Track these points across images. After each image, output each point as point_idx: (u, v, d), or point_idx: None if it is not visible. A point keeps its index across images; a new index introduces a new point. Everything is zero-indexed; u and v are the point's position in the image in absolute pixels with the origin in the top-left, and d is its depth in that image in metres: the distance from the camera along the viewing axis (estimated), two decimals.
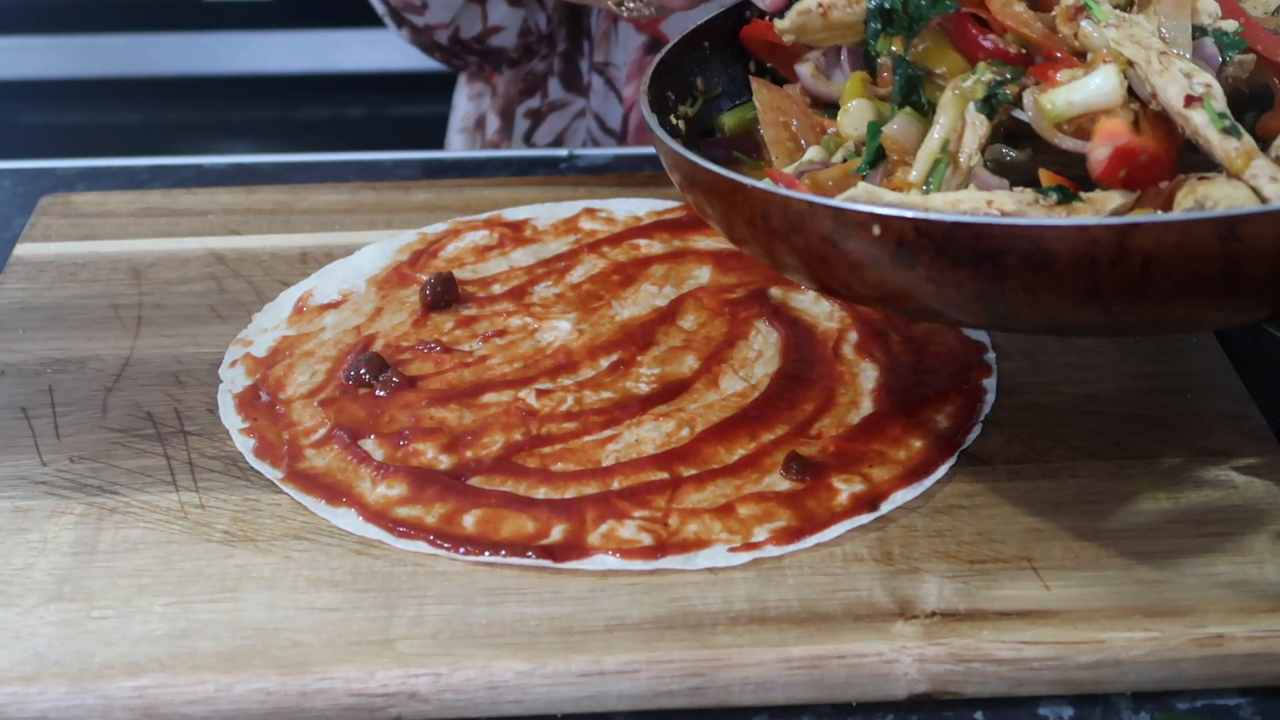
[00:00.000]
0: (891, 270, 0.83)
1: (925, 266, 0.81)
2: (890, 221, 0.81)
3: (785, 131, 1.02)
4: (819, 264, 0.86)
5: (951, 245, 0.80)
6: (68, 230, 1.28)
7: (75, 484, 1.01)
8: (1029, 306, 0.82)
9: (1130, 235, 0.77)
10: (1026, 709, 0.88)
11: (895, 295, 0.86)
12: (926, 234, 0.80)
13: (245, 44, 3.06)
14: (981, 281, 0.81)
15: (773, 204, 0.85)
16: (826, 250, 0.84)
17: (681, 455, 1.01)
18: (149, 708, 0.86)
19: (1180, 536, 0.95)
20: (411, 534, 0.95)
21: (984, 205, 0.85)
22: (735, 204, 0.88)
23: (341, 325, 1.15)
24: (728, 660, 0.87)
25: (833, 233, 0.83)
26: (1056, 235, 0.78)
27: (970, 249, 0.80)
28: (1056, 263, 0.79)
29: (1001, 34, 0.95)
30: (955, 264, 0.80)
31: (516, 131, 1.63)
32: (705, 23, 1.08)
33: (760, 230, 0.87)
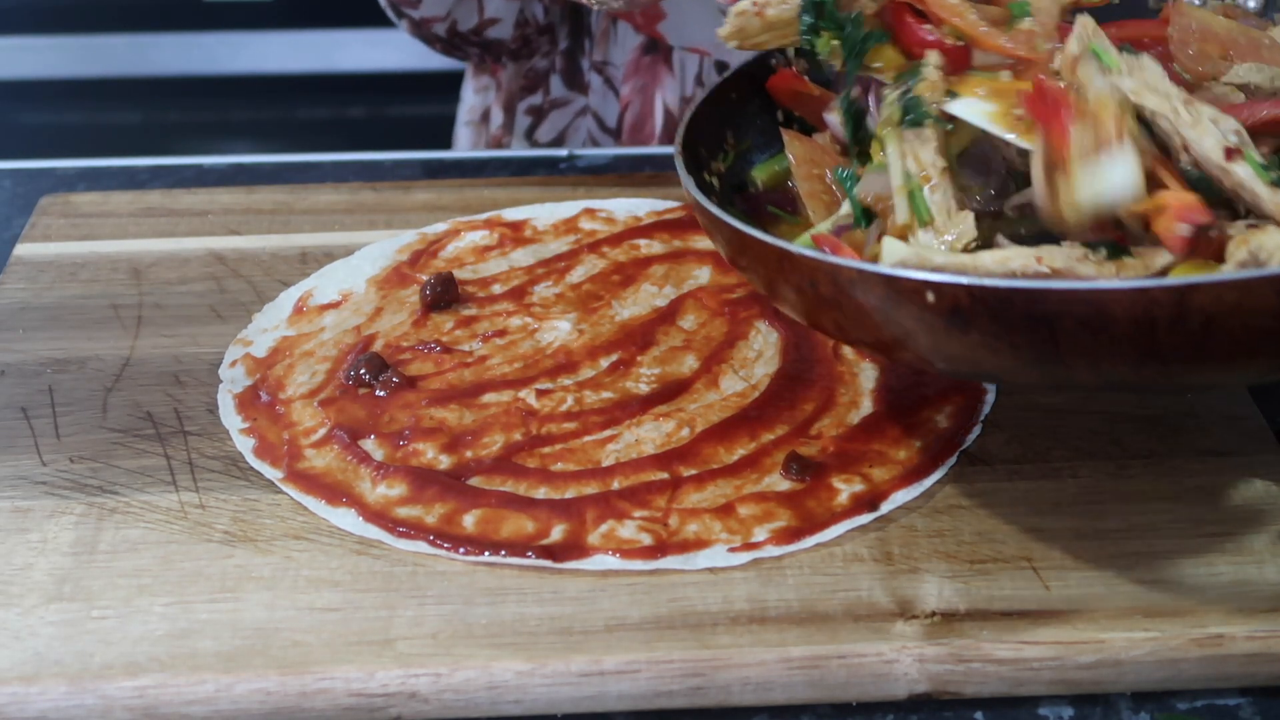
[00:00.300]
0: (945, 336, 0.82)
1: (980, 331, 0.80)
2: (944, 289, 0.79)
3: (820, 184, 1.01)
4: (868, 329, 0.86)
5: (1006, 310, 0.79)
6: (68, 230, 1.28)
7: (75, 484, 1.01)
8: (1086, 368, 0.82)
9: (1190, 296, 0.76)
10: (1026, 709, 0.88)
11: (949, 358, 0.85)
12: (981, 299, 0.79)
13: (245, 44, 3.06)
14: (1038, 345, 0.80)
15: (821, 272, 0.84)
16: (877, 317, 0.84)
17: (681, 455, 1.01)
18: (149, 708, 0.86)
19: (1180, 536, 0.95)
20: (411, 534, 0.95)
21: (1034, 263, 0.83)
22: (782, 271, 0.87)
23: (341, 325, 1.15)
24: (728, 660, 0.87)
25: (884, 300, 0.82)
26: (1114, 298, 0.77)
27: (1025, 313, 0.79)
28: (1115, 325, 0.77)
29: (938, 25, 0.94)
30: (1010, 329, 0.80)
31: (518, 127, 1.63)
32: (732, 74, 1.07)
33: (808, 296, 0.86)
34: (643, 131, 1.56)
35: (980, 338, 0.81)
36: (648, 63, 1.54)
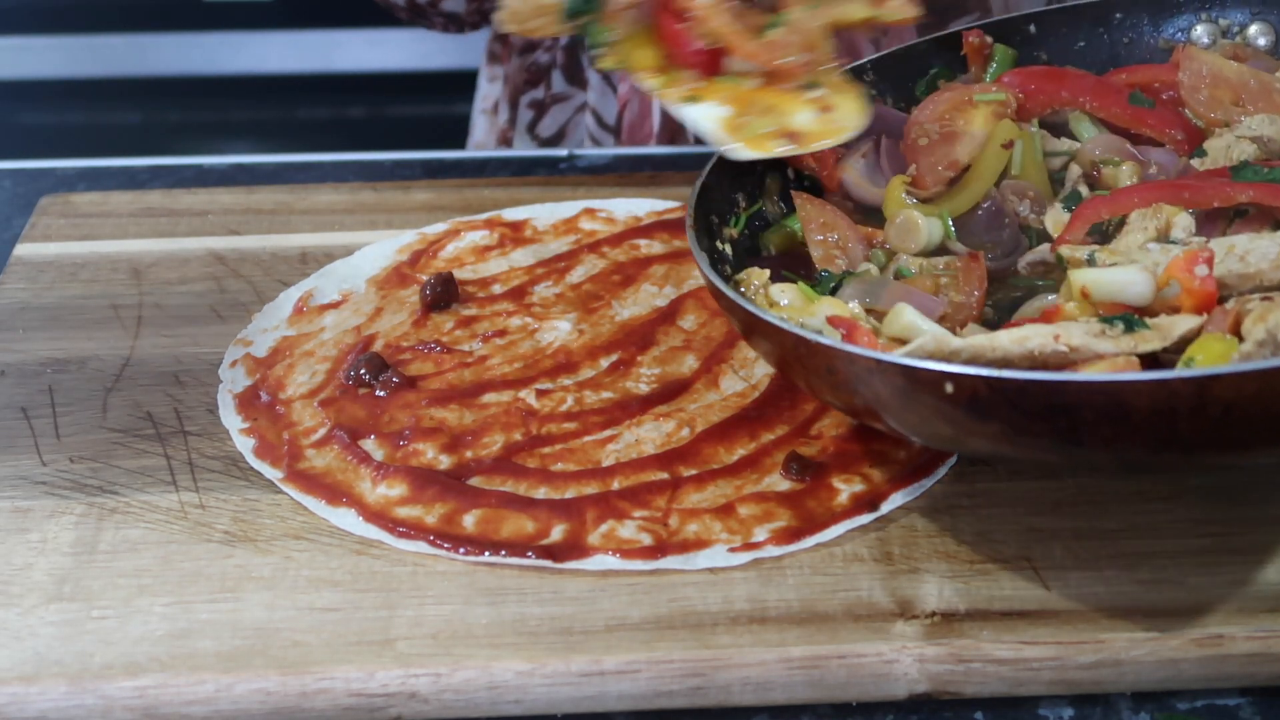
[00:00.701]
0: (965, 422, 0.82)
1: (1000, 420, 0.81)
2: (962, 380, 0.80)
3: (834, 249, 1.02)
4: (887, 413, 0.86)
5: (1025, 401, 0.79)
6: (68, 230, 1.28)
7: (75, 484, 1.01)
8: (1106, 454, 0.82)
9: (1210, 387, 0.76)
10: (1026, 709, 0.88)
11: (968, 443, 0.86)
12: (999, 390, 0.79)
13: (245, 44, 3.06)
14: (1057, 433, 0.80)
15: (839, 359, 0.85)
16: (896, 403, 0.84)
17: (681, 455, 1.01)
18: (149, 708, 0.86)
19: (1180, 536, 0.95)
20: (411, 534, 0.95)
21: (1051, 340, 0.84)
22: (799, 356, 0.88)
23: (341, 325, 1.15)
24: (728, 660, 0.87)
25: (903, 388, 0.83)
26: (1134, 390, 0.77)
27: (1045, 404, 0.79)
28: (1135, 415, 0.78)
29: (696, 25, 0.96)
30: (1030, 418, 0.80)
31: (521, 121, 1.63)
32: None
33: (823, 381, 0.87)
34: (641, 131, 1.56)
35: (1000, 426, 0.81)
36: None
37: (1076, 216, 0.98)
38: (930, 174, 1.04)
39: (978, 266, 0.98)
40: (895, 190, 1.04)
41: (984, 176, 1.04)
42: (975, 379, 0.80)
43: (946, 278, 0.98)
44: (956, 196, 1.04)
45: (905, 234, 1.01)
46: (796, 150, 1.01)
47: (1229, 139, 1.01)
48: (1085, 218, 0.98)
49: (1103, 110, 1.07)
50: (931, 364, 0.81)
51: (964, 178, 1.04)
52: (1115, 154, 1.04)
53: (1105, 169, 1.03)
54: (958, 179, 1.05)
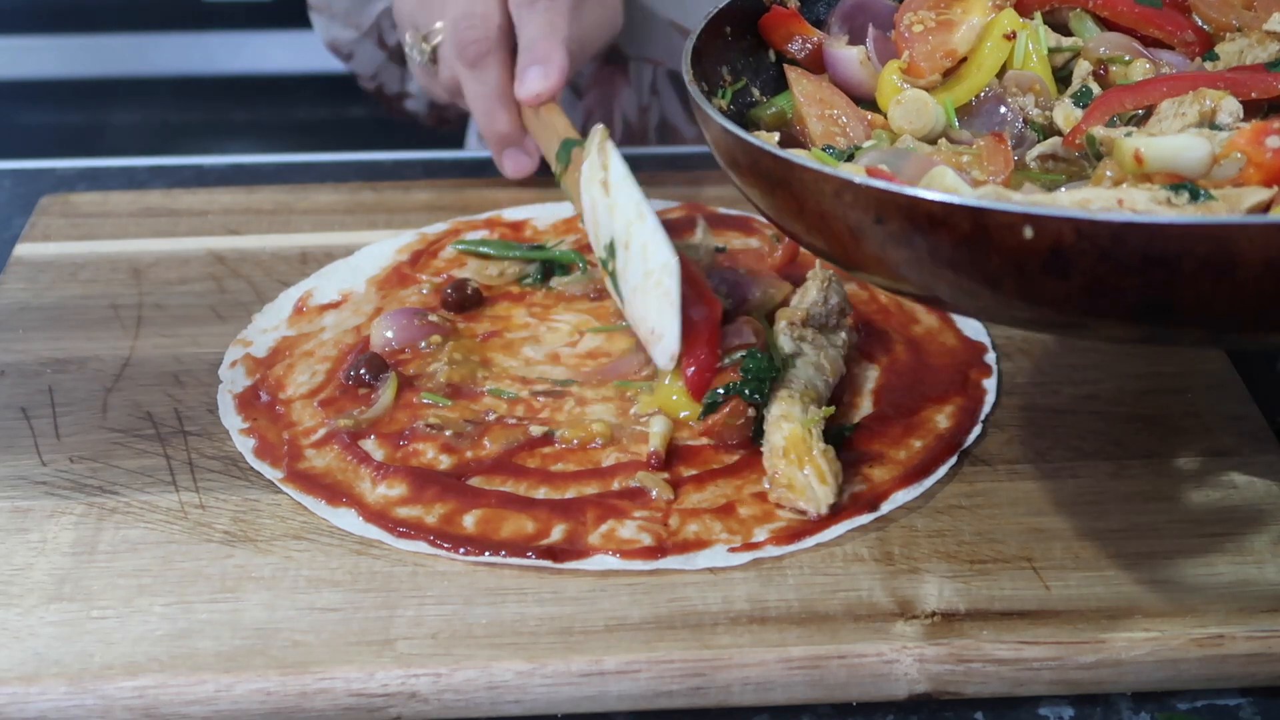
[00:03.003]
0: (1039, 279, 0.74)
1: (1082, 274, 0.72)
2: (1046, 223, 0.71)
3: (834, 126, 0.96)
4: (941, 274, 0.77)
5: (1118, 249, 0.71)
6: (68, 230, 1.28)
7: (75, 484, 1.01)
8: (1197, 319, 0.74)
9: None
10: (1026, 709, 0.88)
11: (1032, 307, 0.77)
12: (1089, 236, 0.71)
13: (245, 44, 3.06)
14: (1147, 290, 0.72)
15: (893, 205, 0.75)
16: (957, 257, 0.75)
17: (682, 455, 1.01)
18: (149, 708, 0.86)
19: (1180, 536, 0.95)
20: (411, 534, 0.95)
21: (1115, 205, 0.77)
22: (841, 204, 0.77)
23: (341, 325, 1.15)
24: (728, 660, 0.87)
25: (970, 237, 0.73)
26: (1247, 235, 0.69)
27: (1141, 253, 0.71)
28: (1243, 267, 0.70)
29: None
30: (1120, 270, 0.72)
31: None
32: (725, 8, 1.01)
33: (870, 236, 0.78)
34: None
35: (1081, 281, 0.72)
36: (608, 73, 1.54)
37: (1097, 106, 0.92)
38: (927, 61, 0.98)
39: (1003, 146, 0.91)
40: (890, 76, 0.97)
41: (985, 67, 0.98)
42: (1061, 222, 0.70)
43: (969, 156, 0.91)
44: (955, 87, 0.98)
45: (913, 114, 0.94)
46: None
47: (1241, 43, 0.97)
48: (1107, 107, 0.91)
49: (1107, 8, 1.01)
50: (1010, 205, 0.72)
51: (961, 69, 0.99)
52: (1125, 51, 0.99)
53: (1114, 67, 0.98)
54: (954, 70, 0.99)
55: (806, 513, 0.96)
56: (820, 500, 0.95)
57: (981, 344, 1.11)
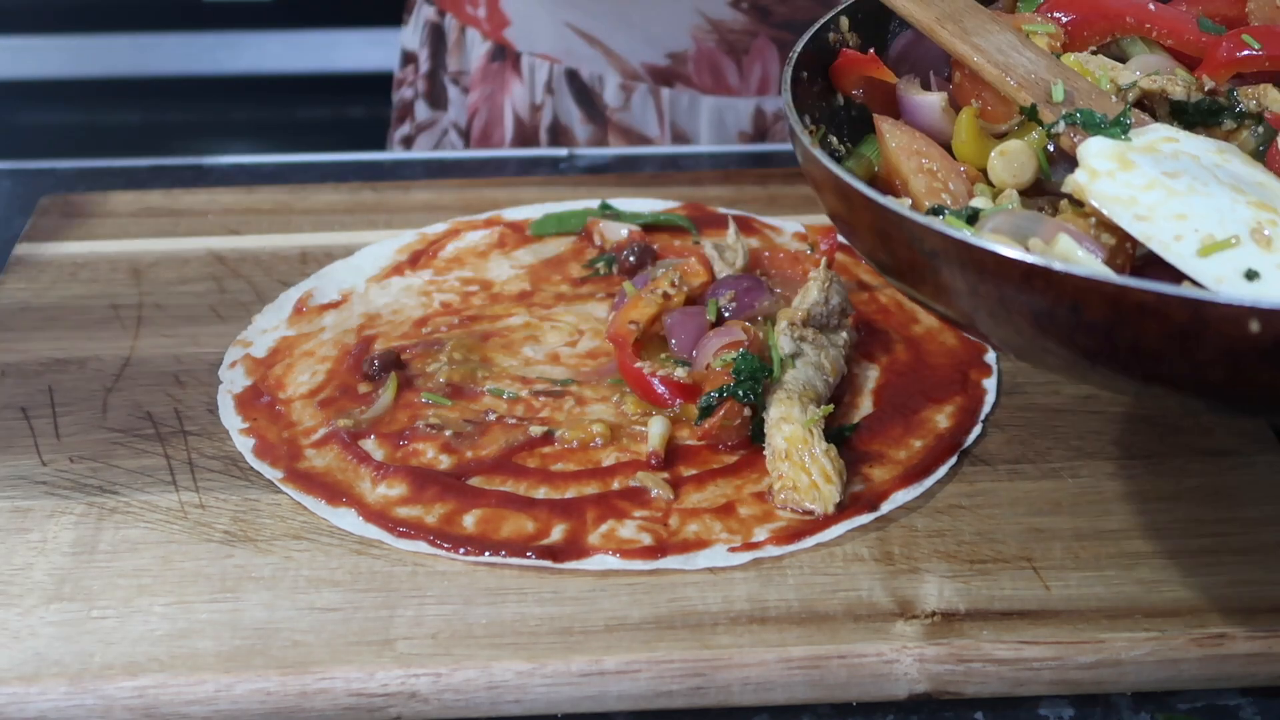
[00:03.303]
0: (1257, 371, 0.68)
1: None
2: (1274, 317, 0.65)
3: (935, 180, 0.89)
4: (1119, 360, 0.72)
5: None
6: (68, 230, 1.28)
7: (75, 484, 1.01)
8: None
9: None
10: (1026, 709, 0.88)
11: (1247, 402, 0.72)
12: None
13: (245, 44, 3.06)
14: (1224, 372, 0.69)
15: (1095, 294, 0.70)
16: (1163, 346, 0.70)
17: (682, 455, 1.01)
18: (149, 708, 0.86)
19: (1180, 536, 0.95)
20: (411, 534, 0.95)
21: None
22: (1031, 291, 0.72)
23: (341, 325, 1.15)
24: (728, 660, 0.87)
25: (1185, 328, 0.68)
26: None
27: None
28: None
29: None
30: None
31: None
32: (801, 52, 0.95)
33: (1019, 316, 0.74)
34: (491, 138, 1.56)
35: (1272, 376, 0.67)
36: (495, 69, 1.53)
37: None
38: (999, 106, 0.92)
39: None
40: (970, 121, 0.91)
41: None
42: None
43: (1095, 220, 0.82)
44: (1029, 132, 0.91)
45: (1017, 166, 0.88)
46: None
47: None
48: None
49: (1171, 36, 0.94)
50: (1238, 299, 0.65)
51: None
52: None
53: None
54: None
55: (812, 512, 0.96)
56: (826, 500, 0.95)
57: (981, 344, 1.11)
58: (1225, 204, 0.78)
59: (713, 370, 1.03)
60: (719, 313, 1.09)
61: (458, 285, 1.19)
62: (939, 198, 0.89)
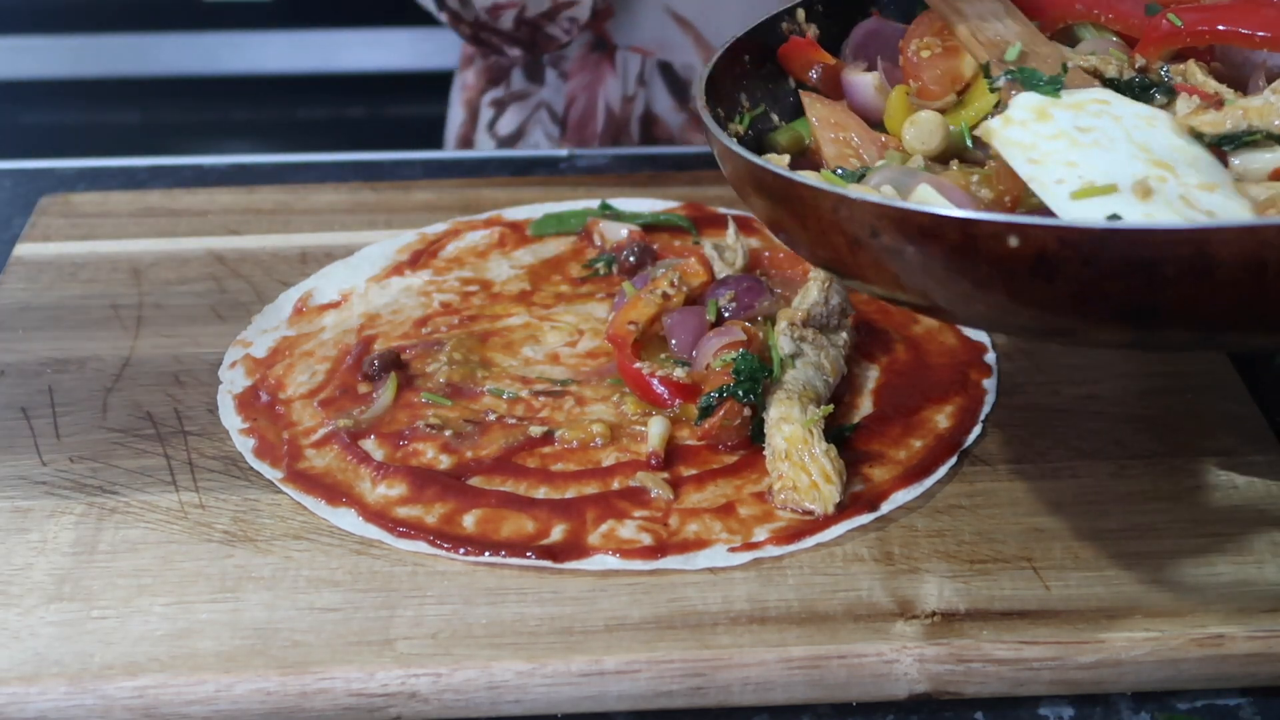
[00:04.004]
0: (1026, 284, 0.76)
1: (1067, 280, 0.75)
2: (1030, 232, 0.74)
3: (847, 148, 0.98)
4: (933, 282, 0.80)
5: (1101, 256, 0.73)
6: (68, 230, 1.28)
7: (75, 484, 1.01)
8: (1182, 321, 0.76)
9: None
10: (1026, 709, 0.88)
11: (1021, 314, 0.79)
12: (1072, 245, 0.73)
13: (245, 44, 3.06)
14: (1132, 295, 0.74)
15: (886, 219, 0.78)
16: (948, 265, 0.78)
17: (682, 455, 1.01)
18: (149, 708, 0.86)
19: (1180, 536, 0.95)
20: (411, 534, 0.95)
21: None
22: (838, 220, 0.81)
23: (341, 325, 1.15)
24: (728, 660, 0.87)
25: (959, 247, 0.76)
26: (1222, 238, 0.72)
27: (1122, 259, 0.73)
28: (1221, 269, 0.72)
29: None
30: (1103, 276, 0.74)
31: (482, 120, 1.65)
32: (743, 36, 1.03)
33: (865, 249, 0.80)
34: (585, 130, 1.57)
35: (1066, 286, 0.75)
36: (594, 60, 1.55)
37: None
38: (936, 84, 0.99)
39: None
40: (900, 98, 0.99)
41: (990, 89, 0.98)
42: (1044, 231, 0.73)
43: (978, 176, 0.91)
44: (962, 111, 0.99)
45: (926, 134, 0.94)
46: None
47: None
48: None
49: (1118, 21, 1.01)
50: (994, 216, 0.75)
51: (968, 93, 1.00)
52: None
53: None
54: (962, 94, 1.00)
55: (812, 512, 0.96)
56: (827, 500, 0.95)
57: (981, 344, 1.11)
58: (1122, 159, 0.83)
59: (712, 370, 1.03)
60: (719, 313, 1.09)
61: (458, 285, 1.19)
62: (847, 162, 0.96)
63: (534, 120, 1.62)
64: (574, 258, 1.22)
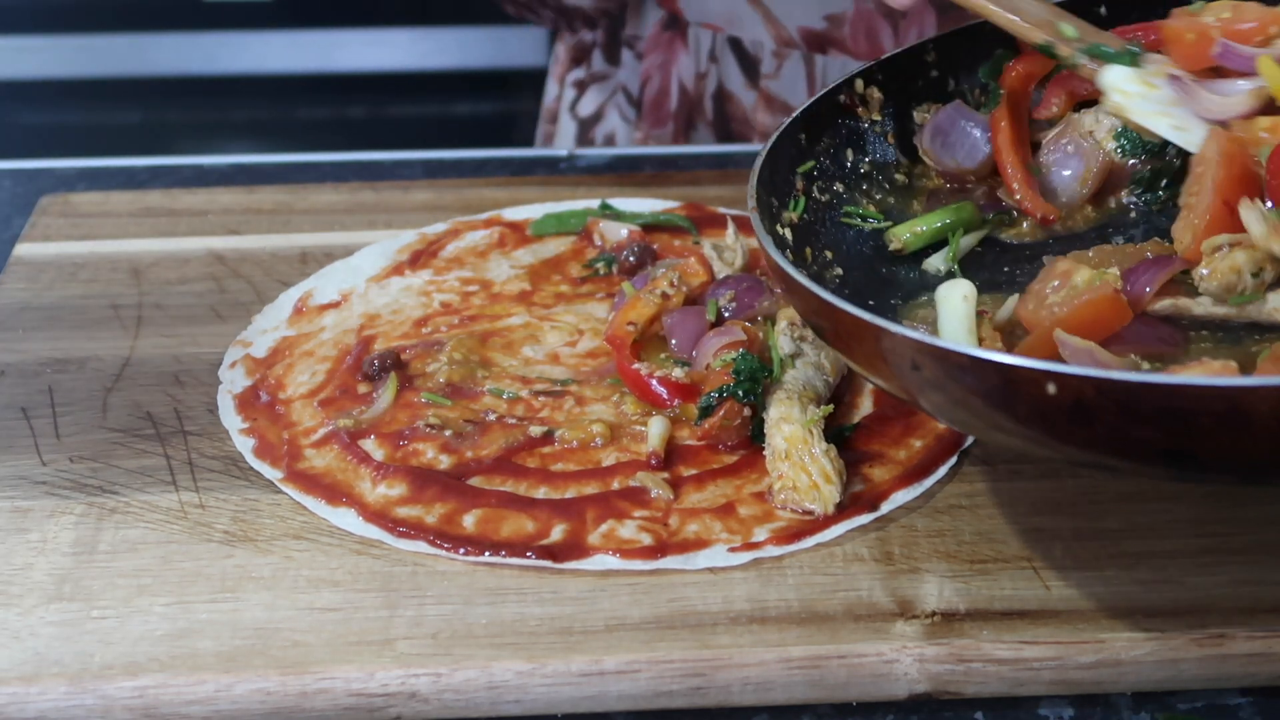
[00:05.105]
0: (1065, 426, 0.77)
1: (1103, 425, 0.76)
2: (1068, 380, 0.75)
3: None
4: (975, 414, 0.82)
5: (1138, 405, 0.74)
6: (68, 230, 1.28)
7: (75, 484, 1.01)
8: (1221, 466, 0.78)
9: None
10: (1026, 709, 0.88)
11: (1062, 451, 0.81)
12: (1109, 393, 0.74)
13: (245, 44, 3.06)
14: (1169, 441, 0.76)
15: (926, 355, 0.80)
16: (988, 404, 0.79)
17: (682, 455, 1.01)
18: (149, 708, 0.86)
19: (1180, 536, 0.95)
20: (411, 534, 0.95)
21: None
22: (881, 350, 0.82)
23: (341, 325, 1.15)
24: (728, 660, 0.87)
25: (1000, 388, 0.78)
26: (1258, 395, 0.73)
27: (1158, 408, 0.74)
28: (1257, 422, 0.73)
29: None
30: (1140, 423, 0.75)
31: (565, 100, 1.65)
32: (798, 116, 1.02)
33: (909, 378, 0.82)
34: (661, 109, 1.57)
35: (1103, 430, 0.76)
36: (667, 38, 1.54)
37: None
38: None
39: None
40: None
41: None
42: (1082, 380, 0.74)
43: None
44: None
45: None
46: None
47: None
48: None
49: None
50: (1031, 362, 0.76)
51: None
52: None
53: None
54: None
55: (812, 512, 0.96)
56: (827, 500, 0.95)
57: None
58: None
59: (712, 370, 1.03)
60: (719, 313, 1.09)
61: (458, 285, 1.19)
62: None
63: (611, 104, 1.62)
64: (574, 258, 1.22)
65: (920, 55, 1.09)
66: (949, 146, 1.06)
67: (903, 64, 1.08)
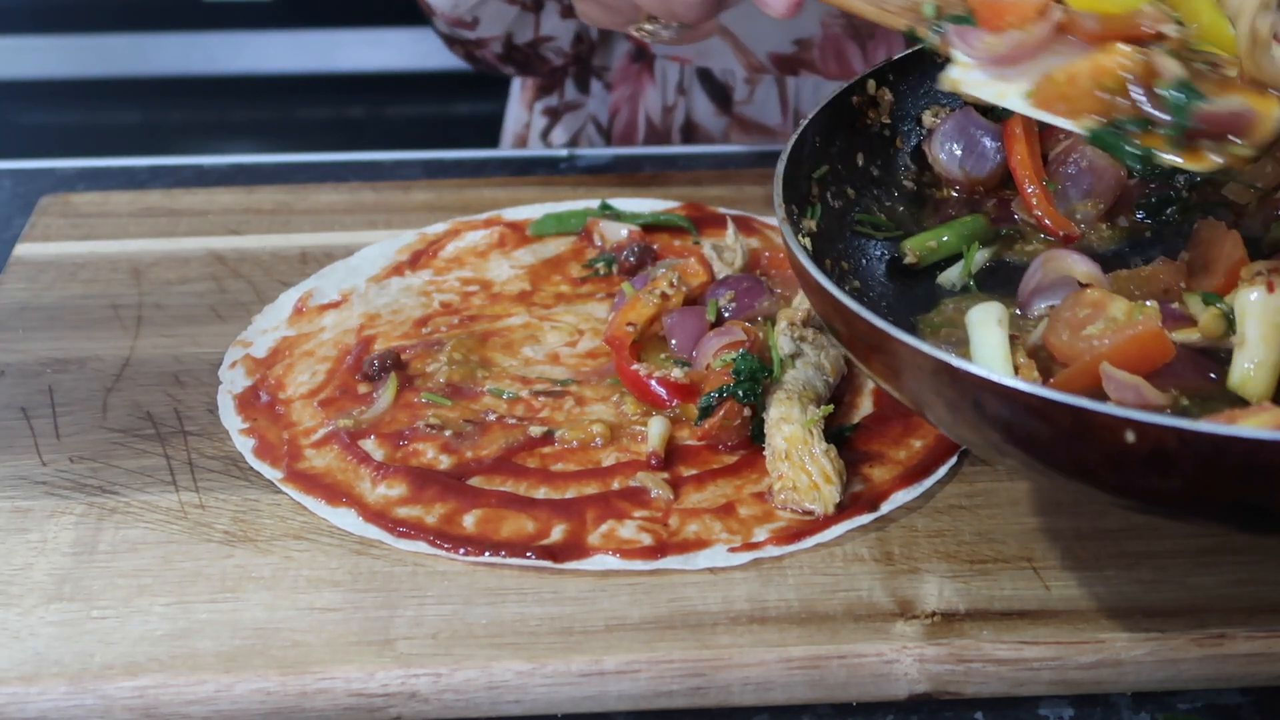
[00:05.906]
0: (1138, 474, 0.74)
1: (1181, 477, 0.73)
2: (1148, 429, 0.71)
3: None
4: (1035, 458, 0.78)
5: (1222, 459, 0.72)
6: (68, 230, 1.28)
7: (75, 484, 1.01)
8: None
9: None
10: (1026, 709, 0.88)
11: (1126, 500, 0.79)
12: (1192, 445, 0.71)
13: (245, 44, 3.06)
14: (1248, 495, 0.74)
15: (991, 393, 0.75)
16: (1055, 445, 0.76)
17: (682, 455, 1.01)
18: (149, 708, 0.86)
19: (1180, 536, 0.95)
20: (411, 534, 0.95)
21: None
22: (941, 383, 0.78)
23: (341, 325, 1.15)
24: (728, 660, 0.87)
25: (1070, 432, 0.74)
26: None
27: (1242, 464, 0.72)
28: None
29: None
30: (1221, 477, 0.73)
31: (535, 128, 1.64)
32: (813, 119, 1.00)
33: (968, 414, 0.78)
34: (630, 142, 1.57)
35: (1181, 482, 0.74)
36: (635, 70, 1.54)
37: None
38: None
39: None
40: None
41: None
42: (1164, 430, 0.71)
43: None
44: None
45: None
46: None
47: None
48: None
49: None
50: (1110, 408, 0.72)
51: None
52: None
53: None
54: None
55: (812, 513, 0.96)
56: (827, 500, 0.95)
57: None
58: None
59: (712, 370, 1.03)
60: (719, 313, 1.09)
61: (458, 285, 1.19)
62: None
63: (584, 134, 1.62)
64: (574, 258, 1.22)
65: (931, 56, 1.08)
66: (958, 155, 1.06)
67: (914, 65, 1.07)
